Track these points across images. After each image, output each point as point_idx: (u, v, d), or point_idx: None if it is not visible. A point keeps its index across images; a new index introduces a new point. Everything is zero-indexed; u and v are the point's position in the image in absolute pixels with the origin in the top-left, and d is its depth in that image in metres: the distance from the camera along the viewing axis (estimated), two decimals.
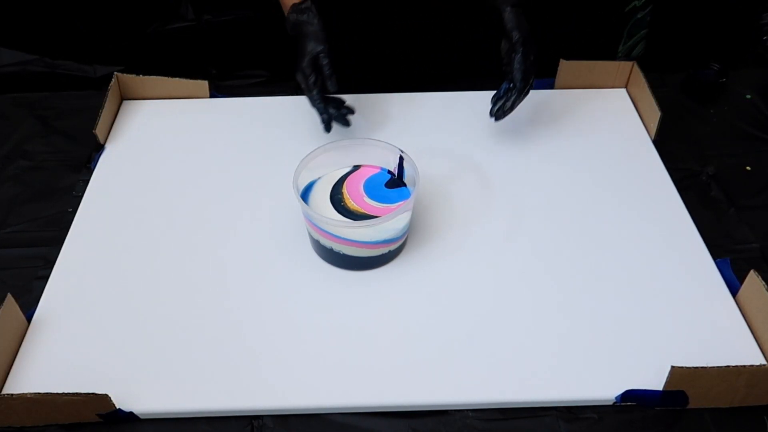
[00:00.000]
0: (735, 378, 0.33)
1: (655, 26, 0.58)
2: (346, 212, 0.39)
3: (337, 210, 0.39)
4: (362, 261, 0.40)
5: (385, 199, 0.40)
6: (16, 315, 0.37)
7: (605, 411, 0.34)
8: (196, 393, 0.35)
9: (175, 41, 0.57)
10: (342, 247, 0.39)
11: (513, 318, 0.38)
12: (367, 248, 0.39)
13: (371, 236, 0.38)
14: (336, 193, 0.40)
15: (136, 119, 0.52)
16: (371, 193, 0.40)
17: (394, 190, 0.41)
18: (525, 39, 0.42)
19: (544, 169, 0.48)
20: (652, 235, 0.43)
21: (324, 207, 0.40)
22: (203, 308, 0.39)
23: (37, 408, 0.33)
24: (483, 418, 0.34)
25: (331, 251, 0.39)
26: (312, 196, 0.41)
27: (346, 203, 0.40)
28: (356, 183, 0.41)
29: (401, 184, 0.41)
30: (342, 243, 0.38)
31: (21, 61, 0.57)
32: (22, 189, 0.48)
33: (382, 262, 0.40)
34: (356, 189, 0.41)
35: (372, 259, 0.40)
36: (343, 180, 0.41)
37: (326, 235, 0.38)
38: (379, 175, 0.42)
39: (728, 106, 0.54)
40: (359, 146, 0.42)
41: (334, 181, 0.41)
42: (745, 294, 0.38)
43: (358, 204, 0.40)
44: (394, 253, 0.40)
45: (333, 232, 0.38)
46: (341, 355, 0.36)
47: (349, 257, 0.39)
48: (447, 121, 0.52)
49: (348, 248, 0.39)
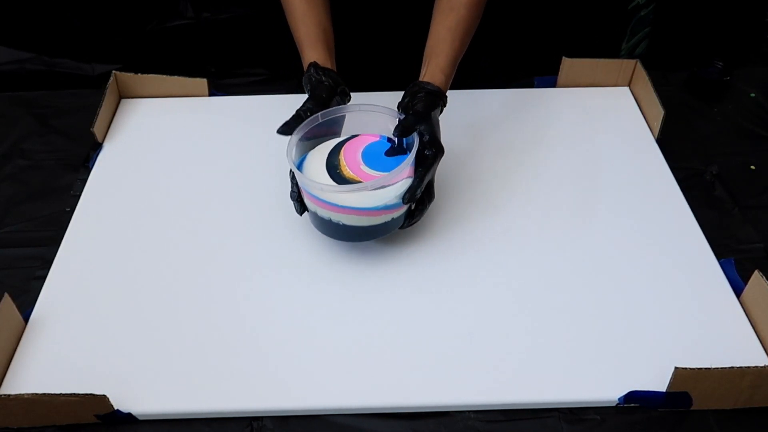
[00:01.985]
0: (739, 379, 0.33)
1: (659, 24, 0.58)
2: (342, 181, 0.37)
3: (333, 178, 0.37)
4: (363, 230, 0.37)
5: (384, 167, 0.37)
6: (13, 315, 0.37)
7: (608, 412, 0.34)
8: (195, 394, 0.34)
9: (174, 39, 0.57)
10: (341, 217, 0.36)
11: (515, 318, 0.38)
12: (367, 216, 0.36)
13: (371, 202, 0.36)
14: (332, 161, 0.38)
15: (135, 118, 0.52)
16: (370, 162, 0.38)
17: (395, 158, 0.38)
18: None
19: (546, 168, 0.47)
20: (655, 235, 0.42)
21: (319, 176, 0.37)
22: (203, 308, 0.38)
23: (35, 409, 0.33)
24: (485, 420, 0.34)
25: (329, 222, 0.37)
26: (306, 166, 0.38)
27: (342, 171, 0.37)
28: (354, 151, 0.38)
29: (402, 152, 0.38)
30: (340, 212, 0.36)
31: (18, 59, 0.57)
32: (20, 188, 0.47)
33: (384, 231, 0.38)
34: (354, 157, 0.38)
35: (373, 228, 0.37)
36: (340, 148, 0.39)
37: (323, 204, 0.36)
38: (378, 144, 0.39)
39: (732, 104, 0.54)
40: (356, 113, 0.39)
41: (329, 149, 0.39)
42: (750, 294, 0.38)
43: (354, 171, 0.37)
44: (396, 221, 0.38)
45: (329, 200, 0.36)
46: (342, 355, 0.36)
47: (349, 227, 0.36)
48: (445, 119, 0.52)
49: (347, 217, 0.36)
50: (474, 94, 0.53)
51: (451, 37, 0.41)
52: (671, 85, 0.54)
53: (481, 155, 0.48)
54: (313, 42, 0.42)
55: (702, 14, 0.60)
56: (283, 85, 0.56)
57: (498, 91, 0.53)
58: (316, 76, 0.41)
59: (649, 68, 0.52)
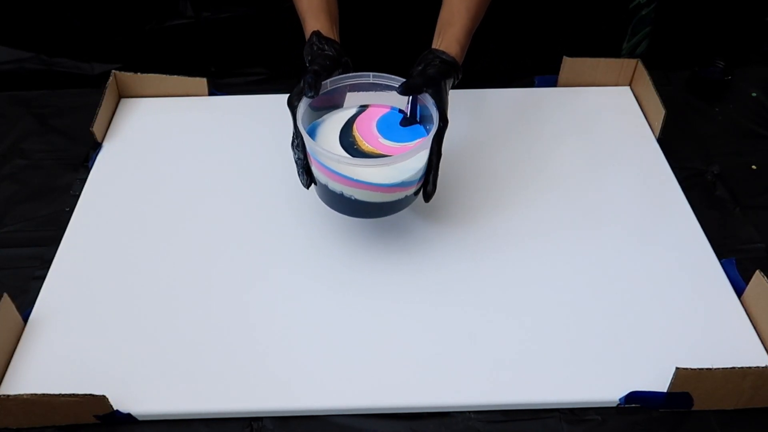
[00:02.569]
0: (740, 379, 0.33)
1: (659, 23, 0.58)
2: (359, 155, 0.35)
3: (346, 151, 0.35)
4: (375, 207, 0.35)
5: (403, 137, 0.36)
6: (12, 315, 0.37)
7: (609, 413, 0.34)
8: (195, 394, 0.34)
9: (174, 38, 0.57)
10: (354, 191, 0.34)
11: (515, 318, 0.38)
12: (381, 192, 0.34)
13: (389, 177, 0.34)
14: (346, 136, 0.36)
15: (134, 117, 0.52)
16: (386, 134, 0.36)
17: (411, 128, 0.37)
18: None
19: (547, 168, 0.47)
20: (656, 235, 0.42)
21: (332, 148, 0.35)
22: (202, 309, 0.38)
23: (34, 409, 0.33)
24: (485, 420, 0.34)
25: (341, 196, 0.34)
26: (318, 139, 0.36)
27: (360, 146, 0.35)
28: (368, 123, 0.37)
29: (415, 122, 0.37)
30: (354, 186, 0.33)
31: (18, 58, 0.57)
32: (19, 188, 0.47)
33: (397, 207, 0.36)
34: (369, 130, 0.36)
35: (386, 204, 0.35)
36: (353, 121, 0.37)
37: (336, 177, 0.34)
38: (390, 115, 0.37)
39: (734, 104, 0.53)
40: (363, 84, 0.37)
41: (342, 123, 0.37)
42: (751, 294, 0.38)
43: (372, 145, 0.35)
44: (409, 198, 0.36)
45: (345, 173, 0.33)
46: (342, 356, 0.36)
47: (361, 202, 0.34)
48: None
49: (360, 192, 0.34)
50: (474, 93, 0.52)
51: (466, 7, 0.39)
52: (672, 85, 0.54)
53: (481, 155, 0.48)
54: (315, 12, 0.40)
55: (703, 14, 0.59)
56: (283, 84, 0.56)
57: (498, 91, 0.53)
58: (318, 45, 0.38)
59: (650, 68, 0.52)
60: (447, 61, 0.38)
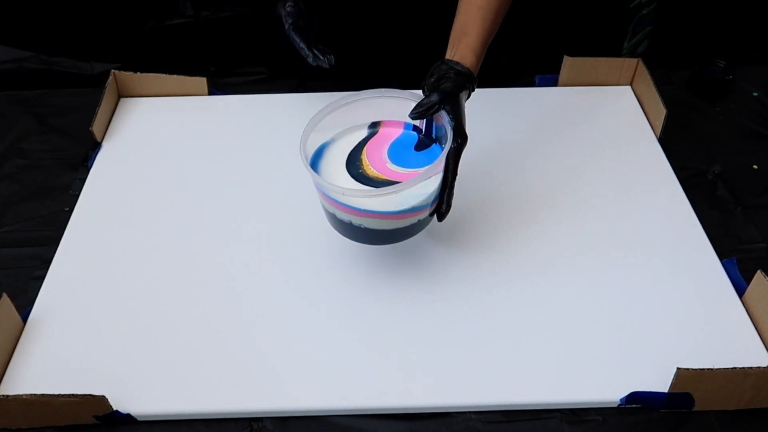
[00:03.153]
0: (742, 380, 0.33)
1: (660, 23, 0.57)
2: (365, 180, 0.33)
3: (354, 178, 0.33)
4: (387, 234, 0.33)
5: (415, 162, 0.34)
6: (11, 315, 0.36)
7: (610, 413, 0.34)
8: (195, 395, 0.34)
9: (174, 38, 0.57)
10: (362, 220, 0.32)
11: (516, 319, 0.37)
12: (391, 219, 0.32)
13: (398, 204, 0.32)
14: (354, 160, 0.34)
15: (134, 117, 0.52)
16: (396, 159, 0.34)
17: (425, 152, 0.35)
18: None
19: (547, 168, 0.47)
20: (657, 235, 0.42)
21: (338, 175, 0.33)
22: (202, 308, 0.38)
23: (33, 409, 0.33)
24: (486, 421, 0.34)
25: (350, 225, 0.33)
26: (324, 162, 0.34)
27: (365, 171, 0.33)
28: (378, 148, 0.35)
29: (431, 143, 0.35)
30: (361, 215, 0.32)
31: (17, 58, 0.56)
32: (18, 188, 0.47)
33: (412, 232, 0.34)
34: (378, 155, 0.34)
35: (399, 231, 0.33)
36: (363, 144, 0.35)
37: (342, 207, 0.32)
38: (404, 137, 0.35)
39: (735, 103, 0.53)
40: (377, 99, 0.35)
41: (351, 146, 0.35)
42: (752, 295, 0.38)
43: (379, 170, 0.34)
44: (423, 222, 0.34)
45: (348, 204, 0.32)
46: (342, 356, 0.36)
47: (372, 231, 0.33)
48: None
49: (369, 221, 0.32)
50: (474, 92, 0.52)
51: (482, 16, 0.37)
52: (673, 84, 0.54)
53: (481, 155, 0.48)
54: None
55: (704, 13, 0.59)
56: (283, 83, 0.56)
57: (499, 90, 0.53)
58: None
59: (651, 67, 0.51)
60: (462, 73, 0.36)
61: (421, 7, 0.48)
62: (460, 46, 0.38)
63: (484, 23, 0.38)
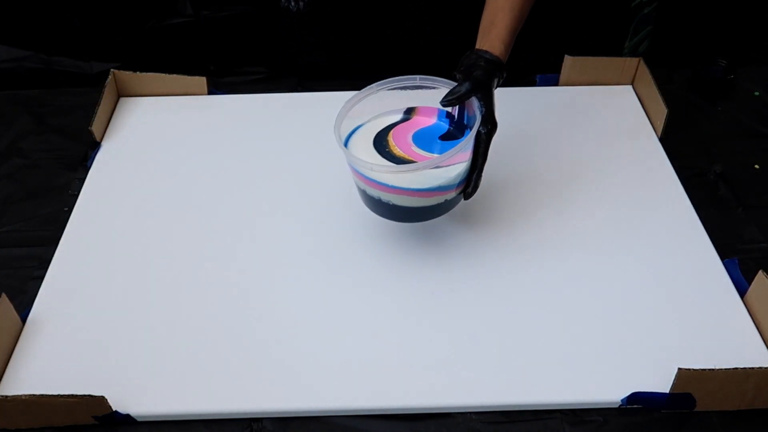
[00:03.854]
0: (743, 380, 0.33)
1: (661, 22, 0.57)
2: (390, 158, 0.36)
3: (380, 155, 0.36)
4: (415, 211, 0.36)
5: (437, 150, 0.36)
6: (10, 315, 0.36)
7: (611, 414, 0.34)
8: (194, 395, 0.34)
9: (173, 37, 0.57)
10: (390, 197, 0.35)
11: (517, 319, 0.37)
12: (418, 196, 0.35)
13: (424, 183, 0.34)
14: (381, 140, 0.36)
15: (133, 116, 0.52)
16: (420, 143, 0.36)
17: (450, 142, 0.36)
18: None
19: (548, 167, 0.47)
20: (658, 235, 0.42)
21: (365, 152, 0.36)
22: (201, 309, 0.38)
23: (32, 410, 0.33)
24: (486, 421, 0.34)
25: (379, 202, 0.36)
26: (353, 142, 0.37)
27: (391, 149, 0.36)
28: (405, 132, 0.37)
29: (459, 134, 0.37)
30: (389, 192, 0.34)
31: (16, 57, 0.56)
32: (17, 187, 0.47)
33: (438, 211, 0.36)
34: (404, 138, 0.36)
35: (427, 209, 0.36)
36: (391, 128, 0.37)
37: (372, 183, 0.35)
38: (433, 127, 0.37)
39: (736, 103, 0.53)
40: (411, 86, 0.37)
41: (378, 129, 0.37)
42: (754, 295, 0.38)
43: (404, 151, 0.36)
44: (450, 202, 0.36)
45: (379, 180, 0.34)
46: (342, 356, 0.36)
47: (400, 207, 0.35)
48: None
49: (397, 197, 0.35)
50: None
51: (510, 6, 0.38)
52: (674, 84, 0.54)
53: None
54: None
55: (705, 12, 0.59)
56: (283, 83, 0.56)
57: (499, 90, 0.52)
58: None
59: (652, 67, 0.51)
60: (492, 61, 0.37)
61: (417, 1, 0.48)
62: (489, 36, 0.38)
63: (512, 13, 0.38)
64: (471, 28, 0.41)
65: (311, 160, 0.48)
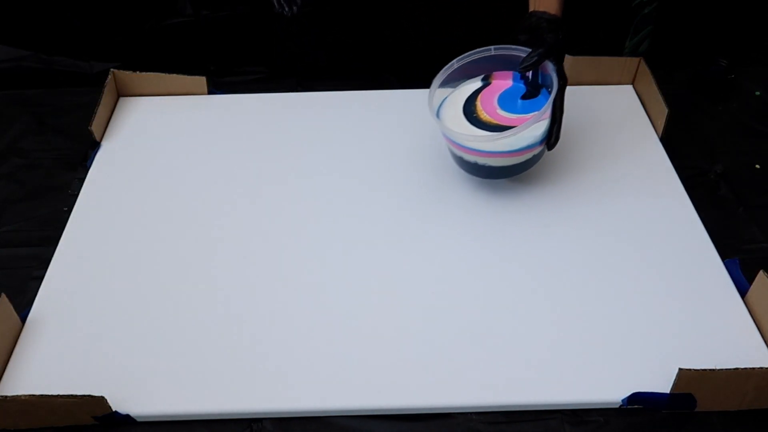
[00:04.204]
0: (744, 381, 0.33)
1: (662, 22, 0.57)
2: (480, 124, 0.41)
3: (471, 123, 0.41)
4: (507, 169, 0.42)
5: (520, 110, 0.41)
6: (10, 315, 0.36)
7: (611, 414, 0.34)
8: (194, 395, 0.34)
9: (173, 37, 0.57)
10: (486, 160, 0.41)
11: (518, 319, 0.37)
12: (511, 156, 0.41)
13: (515, 144, 0.40)
14: (469, 107, 0.42)
15: (133, 116, 0.52)
16: (505, 106, 0.41)
17: (530, 101, 0.42)
18: None
19: (548, 167, 0.47)
20: (658, 235, 0.42)
21: (457, 121, 0.41)
22: (201, 309, 0.38)
23: (32, 410, 0.33)
24: (487, 421, 0.34)
25: (475, 165, 0.41)
26: (444, 111, 0.42)
27: (479, 115, 0.41)
28: (490, 97, 0.42)
29: (536, 92, 0.42)
30: (485, 156, 0.40)
31: (15, 57, 0.56)
32: (17, 187, 0.47)
33: (529, 165, 0.42)
34: (490, 102, 0.42)
35: (519, 165, 0.41)
36: (477, 94, 0.42)
37: (469, 151, 0.40)
38: (513, 89, 0.42)
39: (737, 102, 0.53)
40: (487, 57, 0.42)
41: (465, 96, 0.42)
42: (754, 295, 0.37)
43: (491, 116, 0.41)
44: (539, 155, 0.42)
45: (476, 148, 0.40)
46: (342, 357, 0.36)
47: (494, 168, 0.41)
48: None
49: (493, 159, 0.41)
50: None
51: None
52: (675, 84, 0.54)
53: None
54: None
55: (706, 12, 0.59)
56: (283, 83, 0.56)
57: None
58: None
59: (652, 66, 0.51)
60: (553, 21, 0.40)
61: (415, 2, 0.48)
62: None
63: None
64: (469, 28, 0.42)
65: (310, 160, 0.48)
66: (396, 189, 0.45)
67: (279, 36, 0.55)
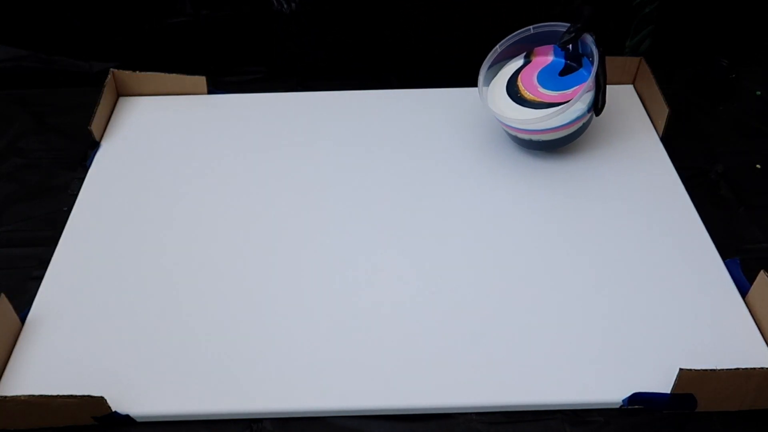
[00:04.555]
0: (745, 381, 0.33)
1: (663, 21, 0.57)
2: (524, 102, 0.44)
3: (516, 102, 0.44)
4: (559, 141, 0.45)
5: (559, 86, 0.44)
6: (9, 316, 0.36)
7: (612, 414, 0.34)
8: (194, 395, 0.34)
9: (173, 37, 0.56)
10: (540, 136, 0.44)
11: (518, 319, 0.37)
12: (562, 130, 0.44)
13: (564, 119, 0.43)
14: (512, 86, 0.45)
15: (133, 116, 0.52)
16: (545, 83, 0.44)
17: (568, 77, 0.44)
18: None
19: (548, 167, 0.47)
20: (659, 235, 0.42)
21: (502, 102, 0.44)
22: (201, 309, 0.38)
23: (31, 410, 0.33)
24: (487, 422, 0.33)
25: (530, 141, 0.45)
26: (490, 92, 0.45)
27: (522, 94, 0.44)
28: (530, 75, 0.45)
29: (575, 67, 0.44)
30: (538, 134, 0.44)
31: (15, 56, 0.56)
32: (16, 187, 0.47)
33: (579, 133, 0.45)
34: (530, 81, 0.44)
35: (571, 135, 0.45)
36: (517, 74, 0.45)
37: (522, 131, 0.44)
38: (549, 67, 0.45)
39: (738, 102, 0.53)
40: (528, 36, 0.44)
41: (508, 76, 0.45)
42: (755, 295, 0.37)
43: (533, 94, 0.44)
44: (586, 124, 0.45)
45: (527, 128, 0.43)
46: (342, 357, 0.36)
47: (547, 141, 0.45)
48: (446, 118, 0.51)
49: (546, 135, 0.44)
50: (475, 91, 0.52)
51: None
52: (676, 83, 0.54)
53: (482, 153, 0.48)
54: None
55: (706, 12, 0.59)
56: (283, 83, 0.56)
57: None
58: None
59: (653, 66, 0.51)
60: None
61: (414, 2, 0.49)
62: None
63: None
64: (469, 28, 0.42)
65: (311, 160, 0.48)
66: (396, 188, 0.45)
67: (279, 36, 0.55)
